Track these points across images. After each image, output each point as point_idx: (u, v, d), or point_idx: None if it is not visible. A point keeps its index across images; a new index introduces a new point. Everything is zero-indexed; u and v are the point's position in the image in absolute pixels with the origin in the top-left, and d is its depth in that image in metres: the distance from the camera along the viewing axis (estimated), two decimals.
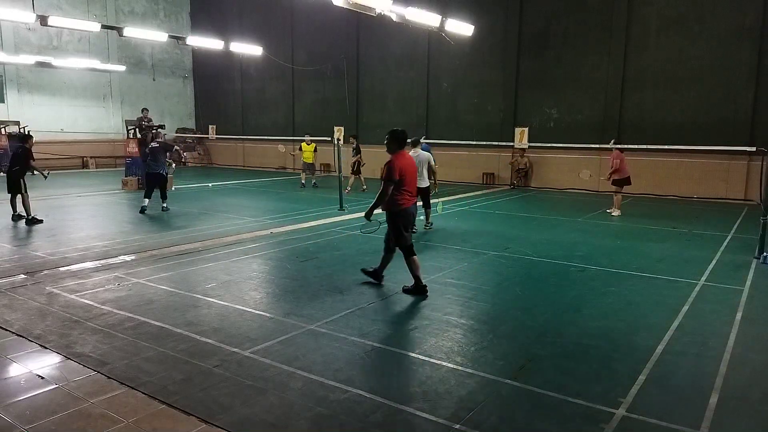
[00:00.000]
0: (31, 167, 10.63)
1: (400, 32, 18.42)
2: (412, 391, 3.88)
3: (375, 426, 3.40)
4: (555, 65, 17.21)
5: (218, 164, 26.54)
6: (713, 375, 4.12)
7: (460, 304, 5.81)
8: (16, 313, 5.38)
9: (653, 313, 5.60)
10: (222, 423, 3.40)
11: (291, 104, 24.05)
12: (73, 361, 4.29)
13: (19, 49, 21.31)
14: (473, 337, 4.97)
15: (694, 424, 3.44)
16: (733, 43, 14.45)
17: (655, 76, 15.64)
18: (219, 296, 5.97)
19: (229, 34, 21.96)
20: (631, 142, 15.44)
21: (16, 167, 10.44)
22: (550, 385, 3.95)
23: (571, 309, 5.72)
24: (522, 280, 6.87)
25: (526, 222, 11.40)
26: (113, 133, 24.33)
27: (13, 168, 10.47)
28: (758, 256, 7.87)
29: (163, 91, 26.68)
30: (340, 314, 5.42)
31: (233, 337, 4.79)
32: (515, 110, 18.07)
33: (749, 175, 14.34)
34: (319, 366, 4.22)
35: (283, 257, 7.99)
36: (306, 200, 14.38)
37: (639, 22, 15.72)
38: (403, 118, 20.25)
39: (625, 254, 8.28)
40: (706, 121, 14.92)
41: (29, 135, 11.49)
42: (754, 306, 5.84)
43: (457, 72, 19.16)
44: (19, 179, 10.41)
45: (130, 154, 16.91)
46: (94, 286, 6.32)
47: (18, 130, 20.95)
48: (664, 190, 15.27)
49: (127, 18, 24.40)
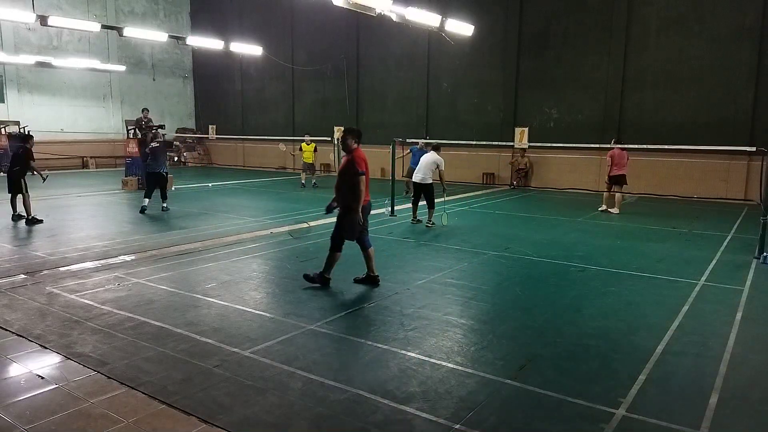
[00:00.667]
0: (32, 168, 10.63)
1: (400, 32, 18.43)
2: (412, 391, 3.88)
3: (375, 426, 3.40)
4: (555, 65, 17.21)
5: (218, 164, 26.54)
6: (713, 375, 4.12)
7: (460, 304, 5.81)
8: (16, 313, 5.38)
9: (653, 313, 5.60)
10: (222, 423, 3.40)
11: (291, 104, 24.05)
12: (73, 361, 4.29)
13: (19, 49, 21.31)
14: (473, 337, 4.97)
15: (694, 424, 3.44)
16: (733, 43, 14.45)
17: (655, 76, 15.64)
18: (219, 296, 5.97)
19: (229, 34, 21.97)
20: (631, 142, 15.43)
21: (16, 167, 10.44)
22: (550, 385, 3.95)
23: (571, 309, 5.72)
24: (522, 280, 6.87)
25: (526, 222, 11.40)
26: (113, 133, 24.34)
27: (13, 168, 10.48)
28: (758, 256, 7.87)
29: (163, 91, 26.68)
30: (340, 314, 5.42)
31: (233, 337, 4.79)
32: (515, 110, 18.07)
33: (749, 175, 14.34)
34: (319, 366, 4.22)
35: (283, 257, 7.99)
36: (306, 200, 14.37)
37: (639, 22, 15.72)
38: (403, 118, 20.27)
39: (625, 254, 8.28)
40: (706, 121, 14.92)
41: (30, 135, 11.49)
42: (754, 306, 5.84)
43: (457, 72, 19.16)
44: (19, 179, 10.41)
45: (130, 154, 16.90)
46: (94, 286, 6.32)
47: (18, 130, 20.97)
48: (664, 190, 15.26)
49: (127, 18, 24.41)
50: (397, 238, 9.41)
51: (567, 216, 12.13)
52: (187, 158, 26.54)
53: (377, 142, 18.47)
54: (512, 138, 17.79)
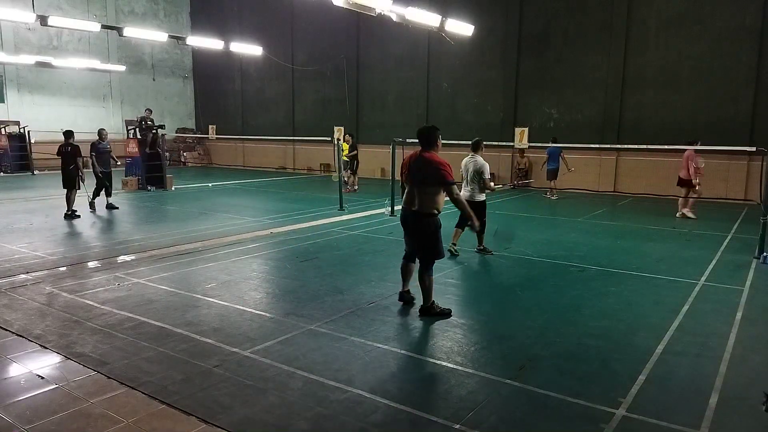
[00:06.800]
0: (81, 164, 11.31)
1: (400, 32, 18.41)
2: (412, 391, 3.88)
3: (375, 426, 3.40)
4: (555, 65, 17.20)
5: (218, 164, 26.54)
6: (713, 375, 4.12)
7: (460, 304, 5.81)
8: (16, 313, 5.38)
9: (653, 313, 5.60)
10: (222, 423, 3.40)
11: (291, 104, 24.04)
12: (73, 361, 4.29)
13: (19, 49, 21.31)
14: (473, 337, 4.97)
15: (694, 424, 3.43)
16: (733, 43, 14.44)
17: (655, 76, 15.63)
18: (219, 296, 5.97)
19: (229, 34, 21.98)
20: (631, 142, 15.45)
21: (71, 165, 11.24)
22: (550, 385, 3.95)
23: (571, 309, 5.72)
24: (522, 280, 6.87)
25: (526, 222, 11.39)
26: (113, 133, 24.18)
27: (69, 166, 11.28)
28: (758, 256, 7.87)
29: (163, 91, 26.68)
30: (340, 314, 5.42)
31: (233, 337, 4.79)
32: (515, 110, 18.06)
33: (749, 175, 14.34)
34: (319, 366, 4.22)
35: (283, 257, 7.99)
36: (306, 200, 14.38)
37: (639, 22, 15.71)
38: (403, 118, 20.25)
39: (625, 254, 8.28)
40: (706, 121, 14.90)
41: (72, 132, 11.88)
42: (754, 306, 5.84)
43: (457, 72, 19.15)
44: (75, 176, 11.26)
45: (130, 154, 16.90)
46: (94, 286, 6.32)
47: (18, 130, 20.98)
48: (664, 190, 15.24)
49: (127, 18, 24.40)
50: (398, 237, 9.38)
51: (567, 216, 12.13)
52: (187, 158, 26.54)
53: (377, 142, 18.49)
54: (512, 138, 17.78)
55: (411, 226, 5.37)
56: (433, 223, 5.29)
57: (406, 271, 5.65)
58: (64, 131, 11.77)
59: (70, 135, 11.63)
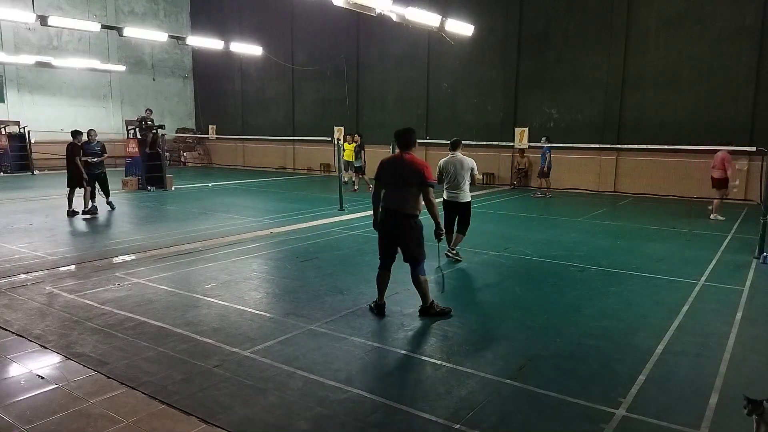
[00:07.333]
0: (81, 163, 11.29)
1: (400, 32, 18.41)
2: (412, 391, 3.88)
3: (375, 426, 3.40)
4: (555, 65, 17.20)
5: (218, 164, 26.55)
6: (713, 375, 4.12)
7: (459, 304, 5.80)
8: (16, 313, 5.38)
9: (653, 313, 5.60)
10: (222, 423, 3.40)
11: (291, 104, 24.05)
12: (73, 361, 4.29)
13: (19, 49, 21.31)
14: (473, 337, 4.97)
15: (694, 424, 3.43)
16: (733, 43, 14.44)
17: (655, 76, 15.63)
18: (219, 296, 5.97)
19: (229, 34, 21.99)
20: (631, 142, 15.47)
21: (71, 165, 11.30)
22: (550, 385, 3.95)
23: (571, 309, 5.72)
24: (522, 280, 6.87)
25: (526, 222, 11.39)
26: (113, 133, 24.30)
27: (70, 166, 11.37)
28: (758, 256, 7.87)
29: (163, 91, 26.68)
30: (340, 314, 5.42)
31: (233, 337, 4.79)
32: (515, 110, 18.06)
33: (749, 175, 14.33)
34: (319, 366, 4.22)
35: (283, 257, 7.99)
36: (306, 200, 14.38)
37: (639, 22, 15.71)
38: (403, 118, 20.23)
39: (625, 254, 8.28)
40: (706, 121, 14.90)
41: (75, 132, 11.82)
42: (754, 306, 5.84)
43: (457, 72, 19.15)
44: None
45: (130, 154, 16.90)
46: (94, 286, 6.32)
47: (18, 130, 20.99)
48: (664, 190, 15.27)
49: (127, 18, 24.40)
50: None
51: (567, 216, 12.13)
52: (187, 158, 26.55)
53: (377, 142, 18.47)
54: (512, 138, 17.80)
55: (398, 228, 5.27)
56: (420, 223, 5.32)
57: (383, 282, 5.45)
58: (71, 131, 11.74)
59: (74, 135, 11.60)
